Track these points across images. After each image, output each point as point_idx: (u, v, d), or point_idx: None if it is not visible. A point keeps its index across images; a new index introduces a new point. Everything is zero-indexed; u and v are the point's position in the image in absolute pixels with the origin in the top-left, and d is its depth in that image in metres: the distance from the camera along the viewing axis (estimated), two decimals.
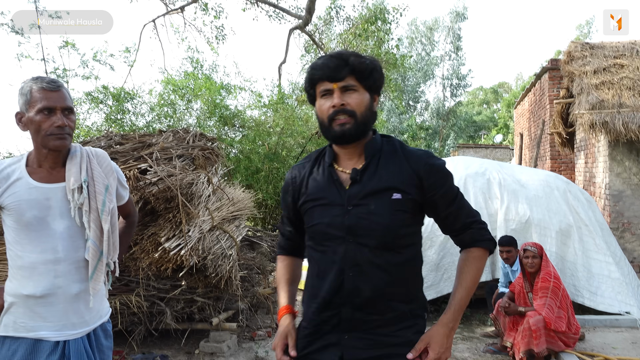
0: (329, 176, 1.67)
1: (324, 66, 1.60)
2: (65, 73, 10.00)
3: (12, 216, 1.85)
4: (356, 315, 1.59)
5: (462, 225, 1.66)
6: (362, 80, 1.60)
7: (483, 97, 48.77)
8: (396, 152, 1.66)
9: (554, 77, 10.58)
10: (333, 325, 1.61)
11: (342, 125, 1.59)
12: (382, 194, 1.59)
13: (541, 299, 4.11)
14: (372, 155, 1.64)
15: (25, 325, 1.86)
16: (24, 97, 1.87)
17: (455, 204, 1.65)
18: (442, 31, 35.13)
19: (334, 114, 1.59)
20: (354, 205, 1.59)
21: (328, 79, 1.59)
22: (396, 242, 1.59)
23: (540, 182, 6.04)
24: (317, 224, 1.65)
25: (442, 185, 1.63)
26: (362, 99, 1.60)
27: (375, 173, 1.62)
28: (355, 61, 1.58)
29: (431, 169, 1.62)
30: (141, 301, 4.35)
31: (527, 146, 13.31)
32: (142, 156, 4.68)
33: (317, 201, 1.67)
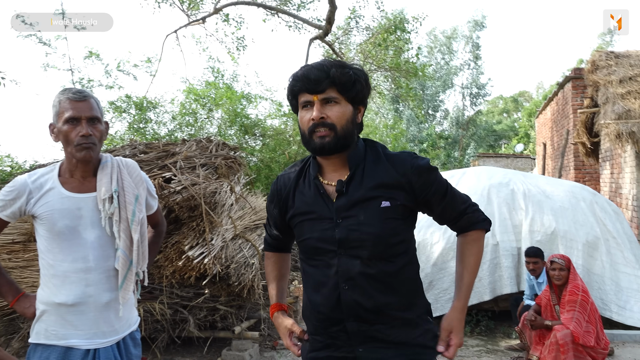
0: (315, 189, 1.64)
1: (304, 77, 1.56)
2: (90, 83, 10.18)
3: (45, 225, 1.88)
4: (362, 328, 1.57)
5: (457, 213, 1.67)
6: (344, 92, 1.56)
7: (503, 106, 48.33)
8: (380, 159, 1.62)
9: (577, 86, 10.45)
10: (344, 340, 1.60)
11: (322, 138, 1.55)
12: (370, 203, 1.57)
13: (569, 312, 4.03)
14: (356, 165, 1.61)
15: (56, 333, 1.87)
16: (54, 109, 1.91)
17: (447, 196, 1.64)
18: (461, 40, 34.99)
19: (314, 126, 1.55)
20: (343, 217, 1.57)
21: (308, 90, 1.56)
22: (389, 251, 1.57)
23: (565, 192, 5.95)
24: (307, 239, 1.64)
25: (432, 183, 1.61)
26: (344, 112, 1.57)
27: (361, 183, 1.59)
28: (337, 72, 1.54)
29: (418, 170, 1.59)
30: (164, 309, 4.37)
31: (550, 156, 13.14)
32: (166, 165, 4.72)
33: (305, 215, 1.64)
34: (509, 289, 5.31)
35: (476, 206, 1.71)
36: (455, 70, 35.03)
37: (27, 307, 1.97)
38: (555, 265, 4.19)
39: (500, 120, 43.43)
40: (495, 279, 5.37)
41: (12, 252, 4.40)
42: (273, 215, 1.80)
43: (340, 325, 1.59)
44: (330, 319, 1.61)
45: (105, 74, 10.87)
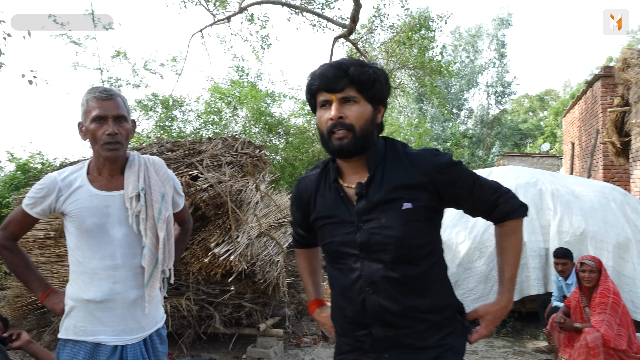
0: (335, 193, 1.61)
1: (322, 76, 1.52)
2: (118, 82, 10.36)
3: (74, 223, 1.90)
4: (388, 334, 1.53)
5: (489, 205, 1.59)
6: (363, 92, 1.51)
7: (529, 104, 47.57)
8: (400, 159, 1.56)
9: (607, 85, 10.22)
10: (370, 345, 1.57)
11: (340, 139, 1.51)
12: (391, 206, 1.51)
13: (600, 315, 3.95)
14: (375, 167, 1.56)
15: (85, 329, 1.90)
16: (82, 108, 1.94)
17: (475, 190, 1.56)
18: (485, 38, 34.56)
19: (332, 127, 1.51)
20: (364, 221, 1.53)
21: (326, 89, 1.52)
22: (413, 254, 1.52)
23: (595, 193, 5.83)
24: (329, 243, 1.61)
25: (457, 179, 1.54)
26: (363, 112, 1.51)
27: (381, 185, 1.54)
28: (356, 71, 1.49)
29: (440, 167, 1.53)
30: (191, 305, 4.43)
31: (578, 156, 12.90)
32: (192, 163, 4.78)
33: (326, 219, 1.62)
34: (536, 290, 5.23)
35: (509, 193, 1.61)
36: (480, 68, 34.63)
37: (57, 302, 2.00)
38: (585, 267, 4.11)
39: (526, 119, 42.76)
40: (522, 279, 5.29)
41: (44, 248, 4.51)
42: (296, 217, 1.80)
43: (367, 330, 1.56)
44: (356, 323, 1.58)
45: (133, 73, 11.06)
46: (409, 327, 1.53)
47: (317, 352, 4.82)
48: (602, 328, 3.87)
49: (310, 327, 5.53)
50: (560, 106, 33.43)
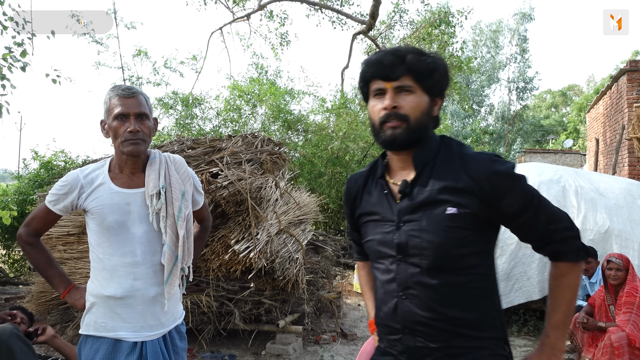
0: (380, 189, 1.53)
1: (377, 63, 1.43)
2: (139, 80, 10.47)
3: (95, 220, 1.92)
4: (418, 344, 1.42)
5: (541, 234, 1.40)
6: (420, 81, 1.42)
7: (551, 100, 46.84)
8: (453, 159, 1.44)
9: (633, 80, 9.99)
10: (399, 352, 1.48)
11: (393, 128, 1.42)
12: (435, 208, 1.40)
13: (625, 314, 3.87)
14: (423, 164, 1.46)
15: (105, 325, 1.92)
16: (105, 106, 1.96)
17: (529, 210, 1.39)
18: (507, 34, 34.10)
19: (385, 117, 1.42)
20: (404, 221, 1.44)
21: (381, 77, 1.43)
22: (453, 263, 1.39)
23: (621, 190, 5.71)
24: (370, 241, 1.54)
25: (512, 191, 1.38)
26: (419, 102, 1.42)
27: (426, 184, 1.43)
28: (413, 59, 1.41)
29: (496, 175, 1.38)
30: (211, 301, 4.46)
31: (602, 152, 12.65)
32: (213, 160, 4.81)
33: (369, 216, 1.55)
34: None
35: (570, 230, 1.40)
36: (501, 64, 34.20)
37: (78, 298, 2.03)
38: (612, 265, 4.02)
39: (548, 115, 42.11)
40: (544, 278, 5.21)
41: (67, 244, 4.58)
42: (347, 215, 1.72)
43: (397, 336, 1.47)
44: (389, 327, 1.50)
45: (153, 71, 11.17)
46: (442, 340, 1.40)
47: (336, 349, 4.81)
48: (627, 328, 3.79)
49: (329, 324, 5.53)
50: (584, 102, 32.85)
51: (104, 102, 1.97)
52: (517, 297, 5.26)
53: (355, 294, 7.22)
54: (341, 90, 13.93)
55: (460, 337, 1.40)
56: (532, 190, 1.41)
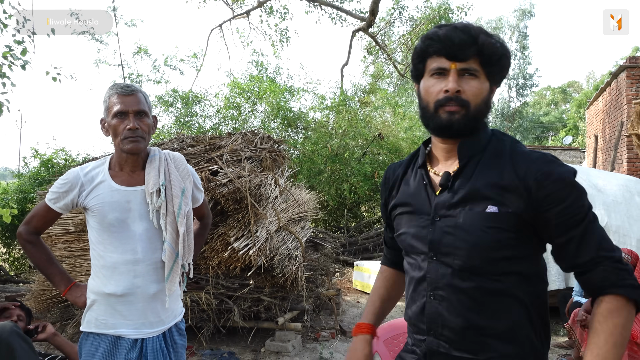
0: (420, 179, 1.42)
1: (446, 39, 1.27)
2: (139, 78, 10.48)
3: (96, 217, 1.94)
4: (442, 349, 1.33)
5: (588, 258, 1.21)
6: (486, 66, 1.29)
7: (551, 97, 46.81)
8: (502, 154, 1.31)
9: (632, 76, 10.00)
10: (422, 354, 1.39)
11: (451, 113, 1.29)
12: (475, 206, 1.27)
13: None
14: (469, 157, 1.33)
15: (106, 323, 1.94)
16: (104, 104, 1.97)
17: (580, 228, 1.22)
18: (507, 30, 34.07)
19: (445, 100, 1.29)
20: (441, 216, 1.32)
21: (447, 55, 1.28)
22: (489, 267, 1.27)
23: (619, 186, 5.72)
24: (403, 234, 1.43)
25: (562, 199, 1.22)
26: (481, 89, 1.30)
27: (470, 179, 1.31)
28: (486, 41, 1.27)
29: (547, 177, 1.23)
30: (210, 299, 4.48)
31: (601, 148, 12.66)
32: (212, 158, 4.82)
33: (405, 207, 1.44)
34: (557, 285, 5.18)
35: (624, 265, 1.21)
36: None
37: (79, 296, 2.04)
38: None
39: (548, 112, 42.11)
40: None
41: (68, 242, 4.60)
42: (382, 208, 1.59)
43: (423, 337, 1.38)
44: (416, 326, 1.41)
45: (154, 69, 11.18)
46: (467, 349, 1.29)
47: (335, 346, 4.84)
48: None
49: (328, 322, 5.55)
50: (584, 98, 32.85)
51: (103, 100, 1.98)
52: None
53: (355, 291, 7.25)
54: (341, 87, 13.94)
55: (491, 351, 1.28)
56: (588, 207, 1.25)
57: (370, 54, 14.92)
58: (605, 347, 1.14)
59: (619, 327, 1.15)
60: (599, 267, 1.20)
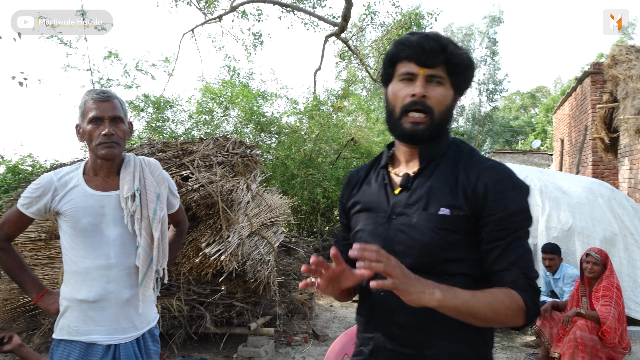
0: (381, 179, 1.46)
1: (417, 45, 1.32)
2: (109, 82, 10.33)
3: (69, 222, 1.93)
4: (389, 346, 1.34)
5: (503, 268, 1.27)
6: (452, 75, 1.35)
7: (520, 101, 47.82)
8: (460, 160, 1.37)
9: (596, 81, 10.32)
10: (370, 351, 1.39)
11: (415, 124, 1.34)
12: (428, 207, 1.32)
13: (605, 306, 3.99)
14: (429, 160, 1.39)
15: (78, 329, 1.92)
16: (80, 110, 1.97)
17: (507, 240, 1.27)
18: (477, 36, 34.72)
19: (411, 104, 1.33)
20: (397, 214, 1.36)
21: (417, 61, 1.32)
22: (439, 267, 1.29)
23: (583, 189, 5.90)
24: (360, 231, 1.44)
25: (504, 208, 1.27)
26: (446, 96, 1.35)
27: (427, 181, 1.36)
28: (454, 51, 1.33)
29: (497, 184, 1.28)
30: (182, 305, 4.44)
31: (568, 152, 12.99)
32: (183, 163, 4.79)
33: (363, 205, 1.47)
34: None
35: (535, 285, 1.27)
36: None
37: (51, 303, 2.02)
38: (590, 259, 4.18)
39: (517, 116, 43.02)
40: None
41: (34, 250, 4.50)
42: (340, 207, 1.62)
43: (371, 334, 1.39)
44: (365, 324, 1.42)
45: (124, 74, 11.03)
46: (414, 347, 1.32)
47: (307, 351, 4.85)
48: (608, 320, 3.93)
49: (301, 326, 5.56)
50: (551, 103, 33.66)
51: (79, 106, 1.97)
52: None
53: (328, 295, 7.27)
54: (314, 92, 13.99)
55: (437, 350, 1.31)
56: (524, 225, 1.30)
57: (343, 59, 15.04)
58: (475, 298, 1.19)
59: (498, 301, 1.21)
60: (511, 274, 1.25)
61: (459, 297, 1.18)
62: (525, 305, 1.23)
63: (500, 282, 1.27)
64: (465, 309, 1.18)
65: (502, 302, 1.21)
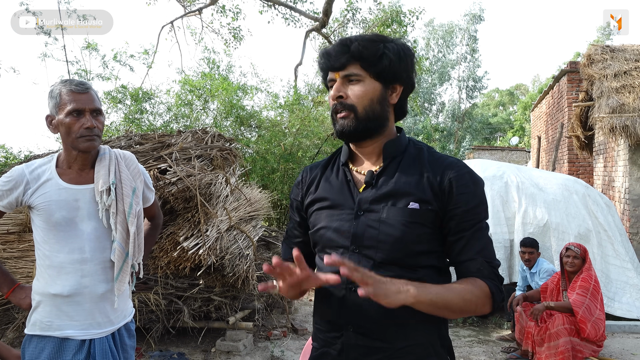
0: (343, 177, 1.47)
1: (326, 54, 1.41)
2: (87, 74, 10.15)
3: (42, 216, 1.89)
4: (360, 342, 1.35)
5: (469, 258, 1.33)
6: (368, 68, 1.36)
7: (499, 99, 48.40)
8: (421, 157, 1.41)
9: (572, 80, 10.49)
10: (338, 351, 1.40)
11: (342, 119, 1.39)
12: (397, 202, 1.35)
13: (580, 296, 4.10)
14: (392, 157, 1.42)
15: (51, 325, 1.89)
16: (53, 100, 1.90)
17: (470, 231, 1.34)
18: (457, 34, 34.98)
19: (334, 107, 1.40)
20: (365, 210, 1.37)
21: (330, 68, 1.40)
22: (409, 260, 1.33)
23: (559, 185, 6.00)
24: (322, 228, 1.44)
25: (467, 202, 1.34)
26: (366, 91, 1.37)
27: (392, 177, 1.39)
28: (359, 46, 1.35)
29: (460, 179, 1.35)
30: (159, 299, 4.40)
31: (545, 149, 13.20)
32: (161, 156, 4.74)
33: (325, 201, 1.46)
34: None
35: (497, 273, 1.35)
36: (452, 63, 35.05)
37: (23, 298, 1.98)
38: (570, 253, 4.29)
39: (496, 113, 43.54)
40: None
41: (7, 243, 4.41)
42: (294, 204, 1.60)
43: (339, 333, 1.39)
44: (331, 323, 1.41)
45: (103, 65, 10.85)
46: (386, 340, 1.34)
47: (286, 345, 4.85)
48: (580, 310, 4.02)
49: (280, 320, 5.56)
50: (529, 100, 34.14)
51: (51, 96, 1.91)
52: None
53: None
54: (295, 86, 13.95)
55: (408, 340, 1.34)
56: (484, 217, 1.38)
57: None
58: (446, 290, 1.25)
59: (468, 292, 1.27)
60: (476, 263, 1.33)
61: (432, 292, 1.22)
62: (491, 292, 1.30)
63: (466, 272, 1.34)
64: (440, 302, 1.22)
65: (471, 292, 1.27)
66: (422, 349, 1.36)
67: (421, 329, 1.36)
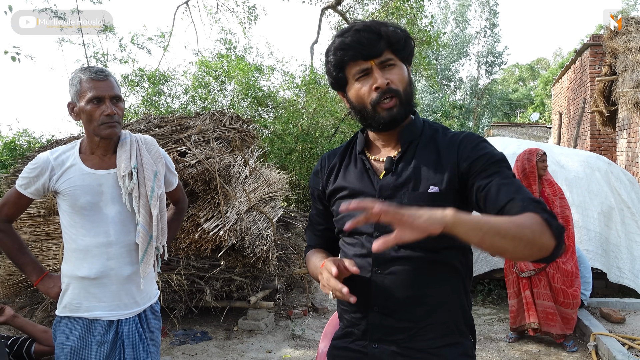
0: (361, 165, 1.48)
1: (355, 43, 1.34)
2: (105, 57, 10.21)
3: (67, 201, 1.94)
4: (385, 322, 1.38)
5: (508, 200, 1.23)
6: (398, 52, 1.38)
7: (519, 74, 47.50)
8: (436, 139, 1.43)
9: (595, 54, 10.22)
10: (363, 331, 1.42)
11: (389, 109, 1.36)
12: (418, 186, 1.37)
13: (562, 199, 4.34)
14: (409, 142, 1.43)
15: (80, 306, 1.95)
16: (74, 88, 1.93)
17: (501, 176, 1.28)
18: (477, 8, 34.27)
19: (380, 96, 1.35)
20: (386, 197, 1.39)
21: (364, 57, 1.35)
22: (432, 242, 1.26)
23: (580, 163, 5.90)
24: (347, 216, 1.44)
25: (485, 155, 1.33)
26: (403, 74, 1.38)
27: (411, 162, 1.40)
28: (389, 32, 1.36)
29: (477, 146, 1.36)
30: (182, 280, 4.49)
31: (566, 125, 12.97)
32: (180, 139, 4.77)
33: (346, 191, 1.48)
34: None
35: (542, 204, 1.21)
36: (470, 38, 34.42)
37: (51, 286, 2.03)
38: (544, 157, 4.37)
39: (516, 89, 42.76)
40: None
41: (33, 226, 4.52)
42: (315, 194, 1.61)
43: (364, 314, 1.41)
44: (357, 304, 1.39)
45: (120, 48, 10.90)
46: (410, 319, 1.36)
47: (307, 323, 4.92)
48: None
49: (300, 299, 5.63)
50: (550, 75, 33.45)
51: (72, 84, 1.94)
52: (482, 266, 5.44)
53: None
54: (311, 65, 13.86)
55: (432, 318, 1.36)
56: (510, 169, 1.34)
57: None
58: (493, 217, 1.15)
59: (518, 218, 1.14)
60: (517, 201, 1.21)
61: (475, 215, 1.14)
62: (544, 219, 1.15)
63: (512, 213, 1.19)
64: (485, 224, 1.09)
65: (522, 218, 1.14)
66: (445, 326, 1.38)
67: (446, 308, 1.38)
